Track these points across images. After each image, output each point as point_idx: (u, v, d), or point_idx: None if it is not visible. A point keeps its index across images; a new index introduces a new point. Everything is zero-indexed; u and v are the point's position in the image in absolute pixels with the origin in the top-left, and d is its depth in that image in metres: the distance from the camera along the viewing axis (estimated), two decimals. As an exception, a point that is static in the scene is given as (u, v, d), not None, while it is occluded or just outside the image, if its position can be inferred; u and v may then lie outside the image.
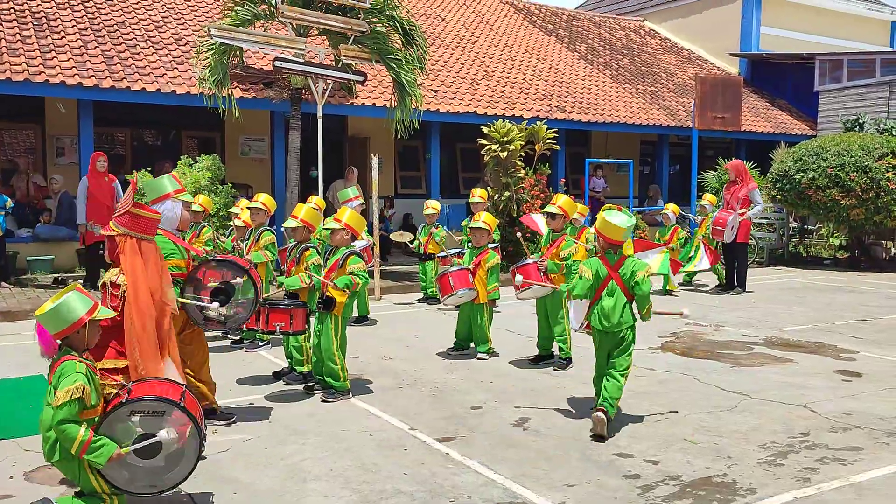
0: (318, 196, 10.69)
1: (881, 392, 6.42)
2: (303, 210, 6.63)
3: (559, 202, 7.27)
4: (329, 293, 6.04)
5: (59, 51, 12.51)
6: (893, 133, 16.81)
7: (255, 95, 13.35)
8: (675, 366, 7.29)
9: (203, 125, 15.56)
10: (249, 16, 12.08)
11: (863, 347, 8.12)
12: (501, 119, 13.99)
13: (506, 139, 13.30)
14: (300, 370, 6.59)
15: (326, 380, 6.14)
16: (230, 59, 12.31)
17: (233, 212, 8.97)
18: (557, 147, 14.36)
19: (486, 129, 13.54)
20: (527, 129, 13.71)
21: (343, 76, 12.47)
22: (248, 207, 8.22)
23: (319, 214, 7.07)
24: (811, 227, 17.92)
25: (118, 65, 12.71)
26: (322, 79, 12.07)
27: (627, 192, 17.53)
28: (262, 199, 8.05)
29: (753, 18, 23.39)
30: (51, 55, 12.25)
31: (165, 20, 15.28)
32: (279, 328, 5.86)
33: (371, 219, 11.22)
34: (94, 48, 13.05)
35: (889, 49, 25.05)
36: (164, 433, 3.81)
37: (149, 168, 11.79)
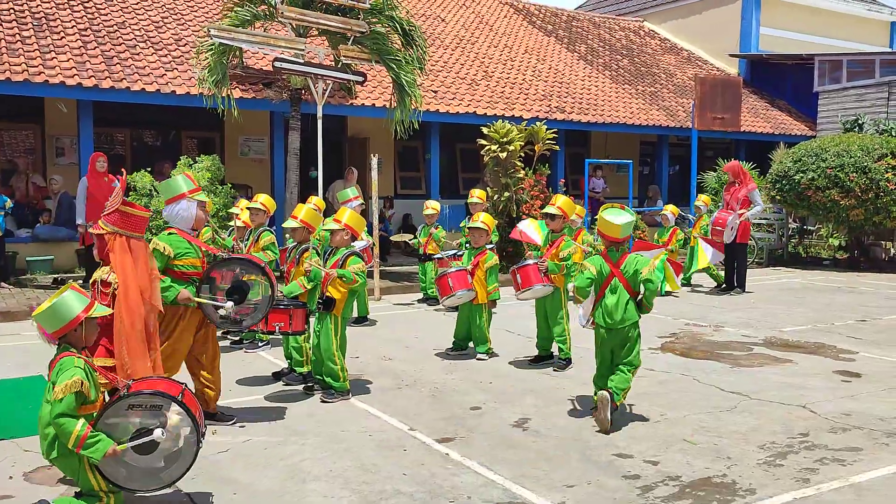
0: (318, 196, 10.69)
1: (880, 392, 6.42)
2: (302, 210, 6.64)
3: (558, 203, 7.29)
4: (329, 293, 6.05)
5: (59, 51, 12.51)
6: (893, 134, 16.81)
7: (255, 96, 13.35)
8: (675, 366, 7.30)
9: (203, 125, 15.56)
10: (249, 16, 12.08)
11: (862, 348, 8.13)
12: (501, 119, 13.98)
13: (505, 140, 13.29)
14: (300, 371, 6.60)
15: (326, 380, 6.14)
16: (230, 60, 12.31)
17: (232, 212, 8.97)
18: (557, 147, 14.36)
19: (486, 130, 13.53)
20: (526, 130, 13.70)
21: (343, 77, 12.47)
22: (248, 208, 8.22)
23: (319, 215, 7.08)
24: (811, 228, 17.92)
25: (118, 65, 12.71)
26: (322, 79, 12.07)
27: (627, 193, 17.54)
28: (262, 200, 8.05)
29: (753, 19, 23.41)
30: (50, 55, 12.25)
31: (165, 20, 15.28)
32: (278, 328, 5.86)
33: (371, 219, 11.22)
34: (94, 48, 13.05)
35: (888, 50, 25.07)
36: (160, 432, 3.82)
37: (148, 168, 11.79)
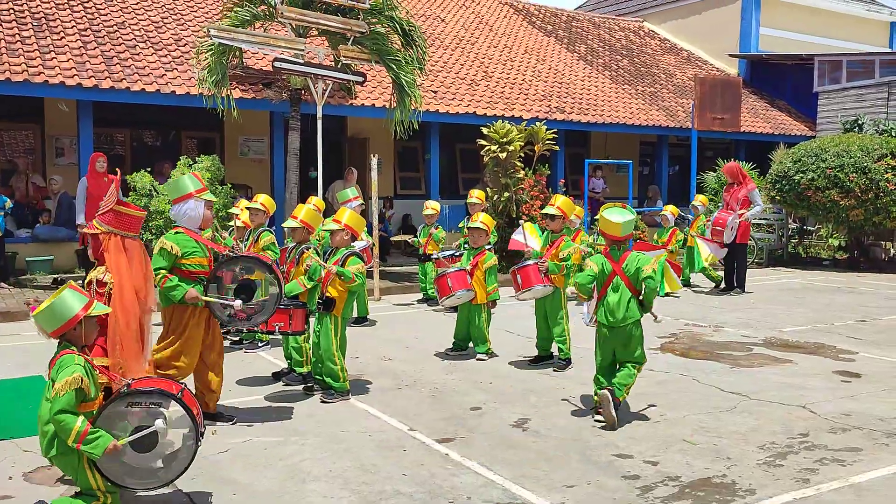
0: (318, 197, 10.69)
1: (880, 393, 6.42)
2: (302, 211, 6.65)
3: (557, 203, 7.30)
4: (329, 293, 6.05)
5: (59, 51, 12.50)
6: (893, 134, 16.81)
7: (255, 96, 13.35)
8: (675, 366, 7.30)
9: (202, 126, 15.56)
10: (249, 16, 12.08)
11: (862, 348, 8.12)
12: (501, 120, 13.97)
13: (505, 140, 13.29)
14: (300, 371, 6.59)
15: (326, 380, 6.14)
16: (229, 60, 12.31)
17: (232, 212, 8.97)
18: (557, 148, 14.35)
19: (486, 130, 13.53)
20: (526, 130, 13.70)
21: (342, 77, 12.47)
22: (248, 208, 8.21)
23: (319, 215, 7.08)
24: (810, 228, 17.92)
25: (118, 65, 12.70)
26: (321, 79, 12.07)
27: (627, 193, 17.52)
28: (262, 200, 8.05)
29: (753, 19, 23.41)
30: (50, 56, 12.25)
31: (165, 21, 15.28)
32: (278, 328, 5.86)
33: (370, 219, 11.22)
34: (94, 49, 13.05)
35: (888, 50, 25.07)
36: (161, 422, 3.83)
37: (148, 168, 11.78)
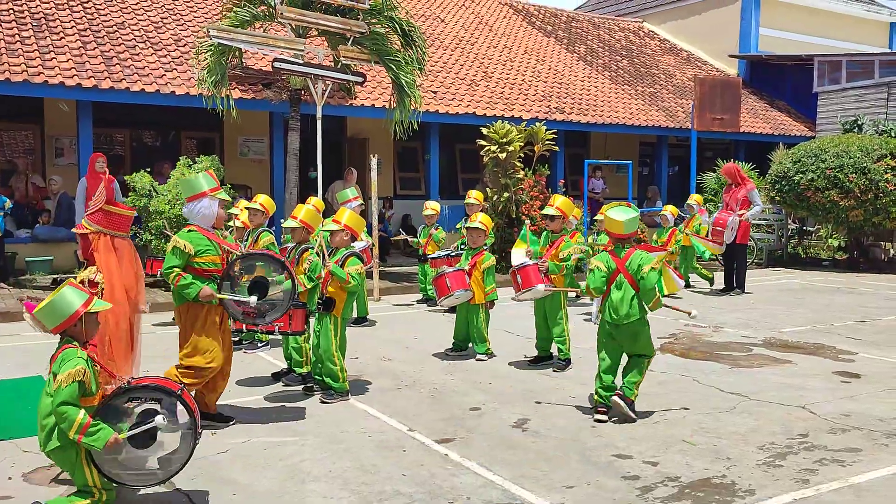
0: (317, 197, 10.68)
1: (880, 393, 6.42)
2: (302, 211, 6.64)
3: (557, 203, 7.28)
4: (328, 293, 6.05)
5: (59, 52, 12.50)
6: (892, 134, 16.82)
7: (255, 96, 13.35)
8: (674, 367, 7.29)
9: (202, 126, 15.56)
10: (248, 17, 12.08)
11: (861, 349, 8.12)
12: (500, 120, 13.98)
13: (505, 140, 13.29)
14: (299, 371, 6.59)
15: (325, 381, 6.14)
16: (229, 60, 12.32)
17: (231, 212, 8.95)
18: (556, 148, 14.36)
19: (486, 131, 13.53)
20: (526, 131, 13.70)
21: (342, 77, 12.47)
22: (247, 208, 8.21)
23: (318, 215, 7.07)
24: (810, 229, 17.92)
25: (117, 66, 12.70)
26: (321, 80, 12.07)
27: (626, 194, 17.49)
28: (261, 201, 8.05)
29: (752, 20, 23.42)
30: (50, 56, 12.25)
31: (164, 21, 15.28)
32: (278, 328, 5.84)
33: (370, 220, 11.22)
34: (94, 49, 13.05)
35: (888, 50, 25.09)
36: (161, 418, 3.83)
37: (148, 169, 11.79)
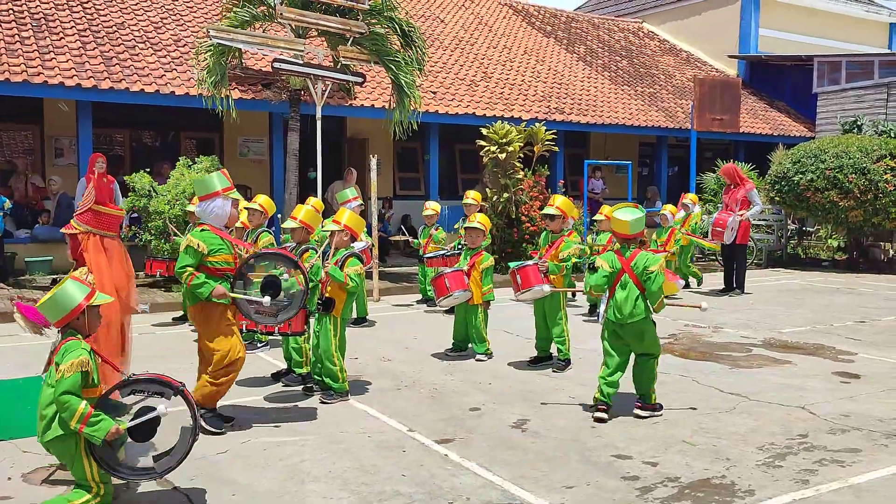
0: (317, 198, 10.68)
1: (879, 394, 6.42)
2: (302, 211, 6.64)
3: (557, 203, 7.28)
4: (328, 294, 6.05)
5: (58, 52, 12.50)
6: (892, 135, 16.82)
7: (254, 96, 13.35)
8: (674, 367, 7.29)
9: (202, 126, 15.56)
10: (248, 17, 12.08)
11: (861, 349, 8.12)
12: (500, 120, 13.98)
13: (504, 141, 13.29)
14: (299, 371, 6.59)
15: (325, 381, 6.14)
16: (229, 61, 12.32)
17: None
18: (556, 148, 14.36)
19: (485, 131, 13.53)
20: (525, 131, 13.70)
21: (342, 77, 12.48)
22: (246, 208, 8.20)
23: (318, 215, 7.07)
24: (810, 229, 17.92)
25: (117, 66, 12.70)
26: (321, 80, 12.07)
27: (626, 194, 17.52)
28: (261, 201, 8.05)
29: (752, 20, 23.43)
30: (49, 56, 12.25)
31: (164, 21, 15.28)
32: (278, 329, 5.85)
33: (370, 220, 11.22)
34: (93, 49, 13.05)
35: (887, 51, 25.09)
36: (162, 408, 3.83)
37: (147, 169, 11.79)
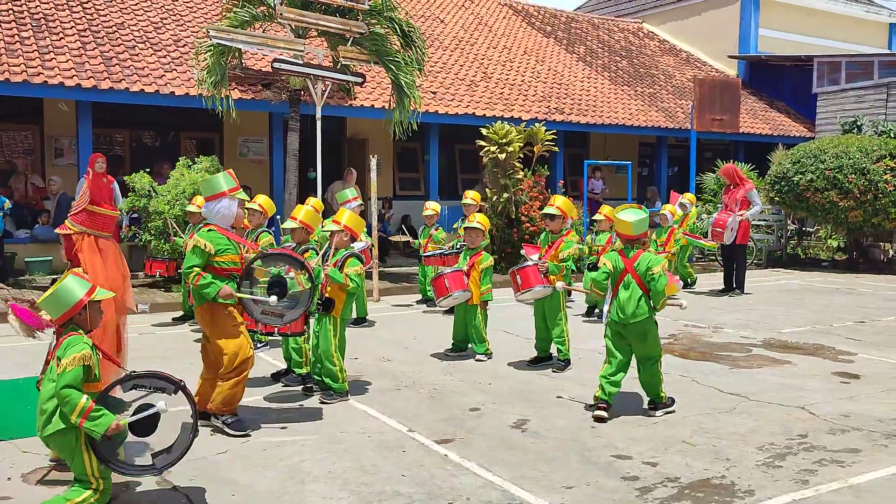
0: (317, 198, 10.68)
1: (879, 394, 6.42)
2: (301, 211, 6.64)
3: (557, 203, 7.29)
4: (327, 294, 6.05)
5: (58, 52, 12.50)
6: (891, 135, 16.82)
7: (254, 97, 13.35)
8: (674, 367, 7.29)
9: (202, 126, 15.55)
10: (248, 17, 12.08)
11: (861, 349, 8.13)
12: (500, 121, 13.98)
13: (504, 141, 13.29)
14: (299, 372, 6.59)
15: (325, 381, 6.14)
16: (229, 61, 12.31)
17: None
18: (556, 149, 14.36)
19: (485, 131, 13.53)
20: (525, 131, 13.70)
21: (342, 78, 12.47)
22: (246, 209, 8.20)
23: (318, 216, 7.07)
24: (809, 229, 17.92)
25: (117, 66, 12.70)
26: (321, 80, 12.07)
27: (626, 194, 17.52)
28: (260, 201, 8.04)
29: (752, 20, 23.43)
30: (49, 56, 12.25)
31: (164, 21, 15.28)
32: (277, 329, 5.85)
33: (370, 220, 11.22)
34: (93, 49, 13.05)
35: (887, 51, 25.10)
36: (163, 404, 3.84)
37: (147, 169, 11.79)
